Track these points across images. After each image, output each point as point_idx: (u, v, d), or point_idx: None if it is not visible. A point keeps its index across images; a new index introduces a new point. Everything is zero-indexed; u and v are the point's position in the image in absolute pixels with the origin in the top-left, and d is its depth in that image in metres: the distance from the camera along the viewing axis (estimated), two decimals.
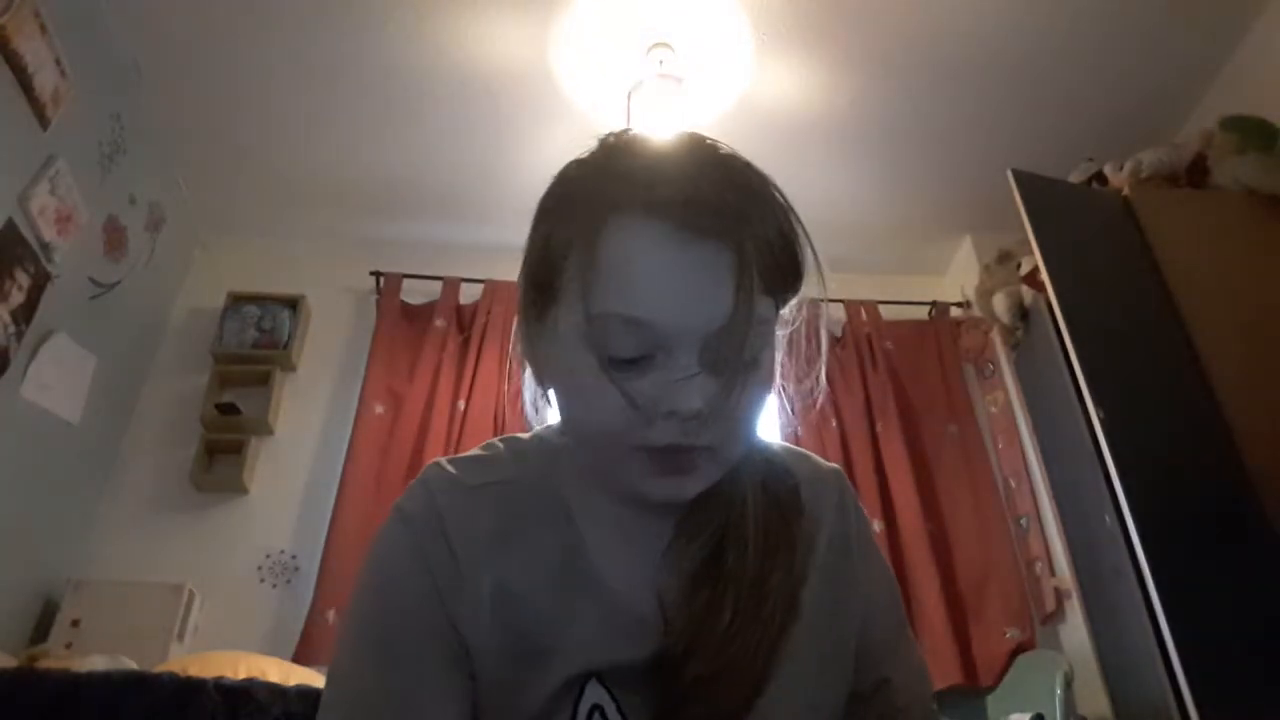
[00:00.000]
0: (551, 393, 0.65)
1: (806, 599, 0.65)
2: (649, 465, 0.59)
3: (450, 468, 0.67)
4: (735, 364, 0.57)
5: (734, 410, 0.59)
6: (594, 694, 0.60)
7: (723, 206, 0.57)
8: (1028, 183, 2.31)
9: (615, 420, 0.57)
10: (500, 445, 0.71)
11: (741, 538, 0.64)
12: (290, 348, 2.87)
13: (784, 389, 0.68)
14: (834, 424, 2.88)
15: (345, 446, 2.69)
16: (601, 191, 0.60)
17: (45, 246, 2.18)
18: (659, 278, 0.56)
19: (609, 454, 0.61)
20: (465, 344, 2.90)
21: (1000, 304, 2.73)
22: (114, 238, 2.53)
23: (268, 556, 2.59)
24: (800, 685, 0.63)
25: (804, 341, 0.68)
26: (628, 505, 0.65)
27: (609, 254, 0.57)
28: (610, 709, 0.60)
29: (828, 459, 0.71)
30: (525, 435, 0.72)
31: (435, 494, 0.65)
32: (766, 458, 0.70)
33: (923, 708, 0.74)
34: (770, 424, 2.92)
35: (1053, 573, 2.62)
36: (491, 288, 3.00)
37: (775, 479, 0.69)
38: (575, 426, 0.64)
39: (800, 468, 0.73)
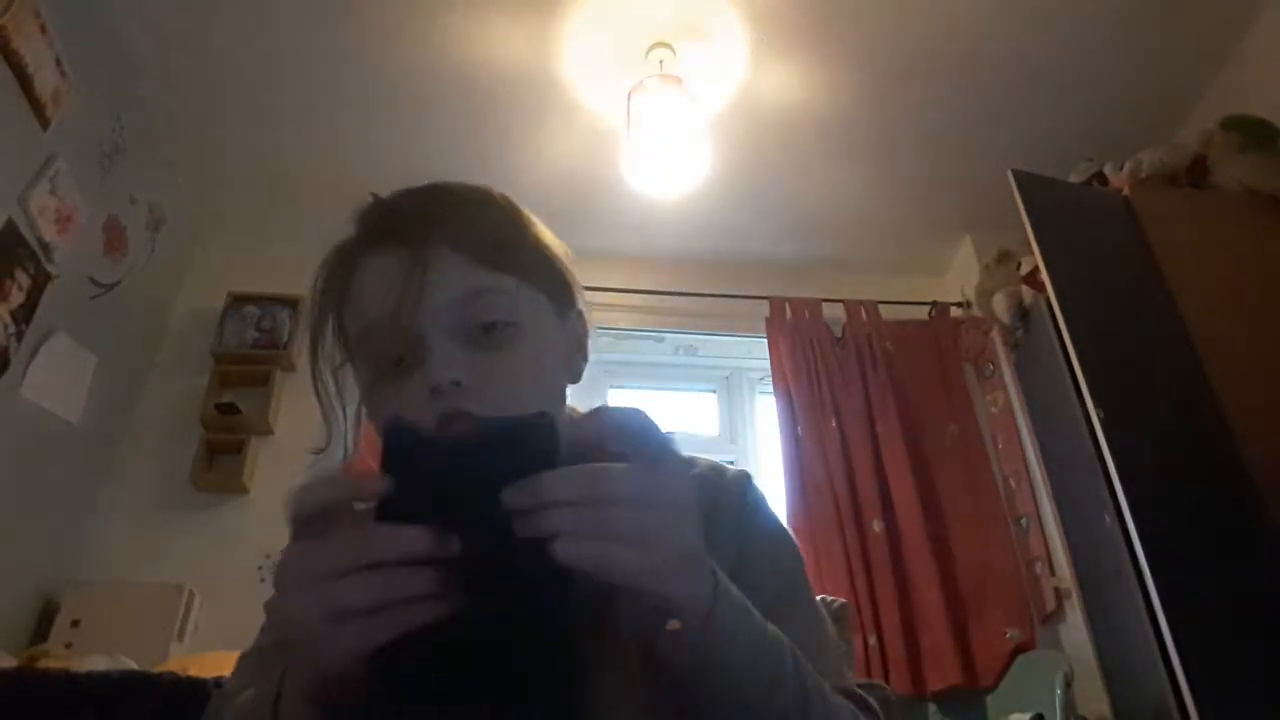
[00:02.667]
0: None
1: None
2: None
3: None
4: (462, 334, 0.64)
5: (494, 374, 0.64)
6: None
7: (405, 217, 0.68)
8: (1028, 183, 2.31)
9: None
10: None
11: None
12: (290, 348, 2.87)
13: (789, 390, 0.74)
14: (834, 424, 2.88)
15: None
16: (340, 248, 0.72)
17: (45, 246, 2.18)
18: (372, 286, 0.66)
19: None
20: None
21: (1000, 304, 2.73)
22: (114, 238, 2.53)
23: (268, 556, 2.58)
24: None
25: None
26: None
27: (349, 290, 0.69)
28: None
29: (828, 459, 0.73)
30: None
31: None
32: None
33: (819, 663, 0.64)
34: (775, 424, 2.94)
35: (1053, 573, 2.61)
36: None
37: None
38: None
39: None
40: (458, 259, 0.66)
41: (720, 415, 3.28)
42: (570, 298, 0.75)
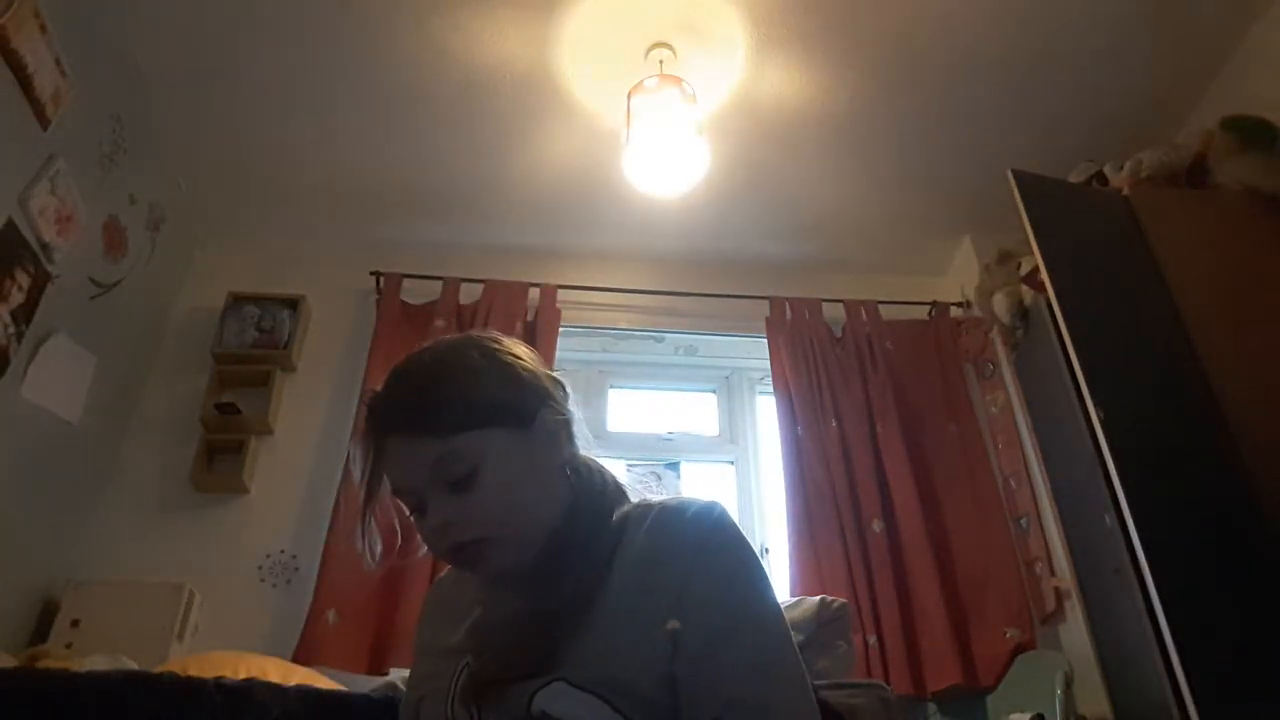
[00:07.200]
0: None
1: (610, 601, 0.84)
2: (453, 562, 0.92)
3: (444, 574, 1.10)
4: (442, 487, 0.86)
5: (470, 512, 0.85)
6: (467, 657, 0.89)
7: (376, 415, 0.90)
8: (1028, 183, 2.31)
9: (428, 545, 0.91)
10: None
11: (551, 593, 0.87)
12: (290, 348, 2.87)
13: (789, 390, 0.89)
14: (834, 424, 2.88)
15: (345, 446, 2.69)
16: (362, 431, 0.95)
17: (45, 246, 2.18)
18: (380, 465, 0.90)
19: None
20: None
21: (1000, 304, 2.73)
22: (114, 238, 2.53)
23: (268, 556, 2.59)
24: (596, 660, 0.81)
25: None
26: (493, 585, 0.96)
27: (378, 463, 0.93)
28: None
29: (828, 459, 0.79)
30: None
31: (436, 582, 1.10)
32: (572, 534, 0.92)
33: None
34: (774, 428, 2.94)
35: (1053, 573, 2.61)
36: (491, 288, 3.00)
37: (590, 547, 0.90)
38: None
39: (643, 514, 0.92)
40: (413, 439, 0.86)
41: (720, 415, 3.28)
42: (530, 409, 0.90)
